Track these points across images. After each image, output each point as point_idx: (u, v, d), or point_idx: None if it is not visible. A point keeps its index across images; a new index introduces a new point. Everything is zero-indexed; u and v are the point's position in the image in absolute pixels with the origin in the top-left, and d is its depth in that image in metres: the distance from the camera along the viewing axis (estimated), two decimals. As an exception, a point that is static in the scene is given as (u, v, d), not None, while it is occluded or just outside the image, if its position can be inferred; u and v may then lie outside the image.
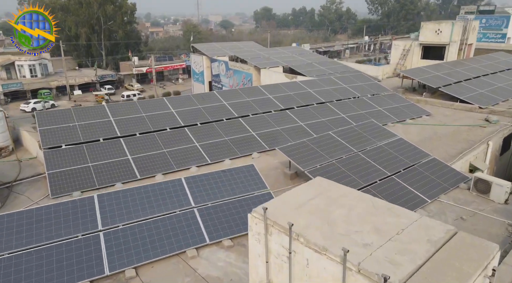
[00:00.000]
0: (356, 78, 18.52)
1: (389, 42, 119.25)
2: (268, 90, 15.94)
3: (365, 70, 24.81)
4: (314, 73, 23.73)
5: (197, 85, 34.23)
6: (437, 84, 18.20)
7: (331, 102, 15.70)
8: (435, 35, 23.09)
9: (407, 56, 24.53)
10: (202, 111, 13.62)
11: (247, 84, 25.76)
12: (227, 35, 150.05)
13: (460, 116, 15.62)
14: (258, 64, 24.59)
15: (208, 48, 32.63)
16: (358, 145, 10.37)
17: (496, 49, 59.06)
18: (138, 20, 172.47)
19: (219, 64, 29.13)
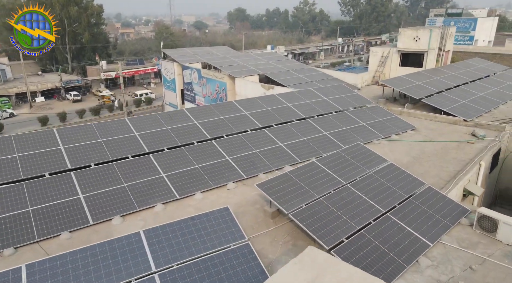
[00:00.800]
0: (337, 89, 17.52)
1: (362, 44, 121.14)
2: (243, 105, 14.60)
3: (344, 78, 24.00)
4: (292, 82, 22.63)
5: (168, 93, 32.42)
6: (419, 95, 17.50)
7: (312, 118, 14.57)
8: (413, 42, 22.56)
9: (385, 63, 23.91)
10: (169, 133, 12.10)
11: (221, 93, 24.33)
12: (200, 37, 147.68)
13: (445, 131, 14.89)
14: (232, 72, 23.21)
15: (179, 54, 30.91)
16: (346, 174, 9.22)
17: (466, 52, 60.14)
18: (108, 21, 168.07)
19: (191, 72, 27.51)
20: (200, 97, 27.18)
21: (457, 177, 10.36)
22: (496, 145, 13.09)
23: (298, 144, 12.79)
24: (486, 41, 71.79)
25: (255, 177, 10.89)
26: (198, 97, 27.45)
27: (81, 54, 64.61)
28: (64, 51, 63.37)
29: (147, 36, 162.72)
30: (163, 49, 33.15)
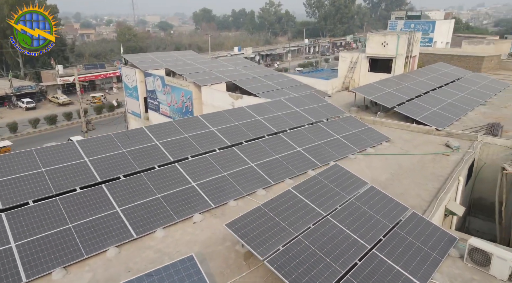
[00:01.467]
0: (309, 99, 16.77)
1: (327, 45, 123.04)
2: (210, 120, 13.44)
3: (314, 84, 23.41)
4: (261, 90, 21.69)
5: (131, 101, 30.48)
6: (391, 104, 17.12)
7: (284, 133, 13.66)
8: (382, 47, 22.36)
9: (354, 69, 23.57)
10: (126, 157, 10.72)
11: (187, 102, 22.96)
12: (166, 38, 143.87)
13: (419, 141, 14.52)
14: (198, 80, 21.92)
15: (141, 59, 29.10)
16: (325, 203, 8.35)
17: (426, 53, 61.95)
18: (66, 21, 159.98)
19: (154, 79, 25.88)
20: (164, 106, 25.61)
21: (439, 197, 9.81)
22: (471, 156, 12.81)
23: (271, 163, 11.82)
24: (444, 42, 74.91)
25: (224, 205, 9.80)
26: (162, 106, 25.87)
27: (35, 58, 60.23)
28: (15, 55, 58.87)
29: (108, 37, 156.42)
30: (124, 55, 31.14)
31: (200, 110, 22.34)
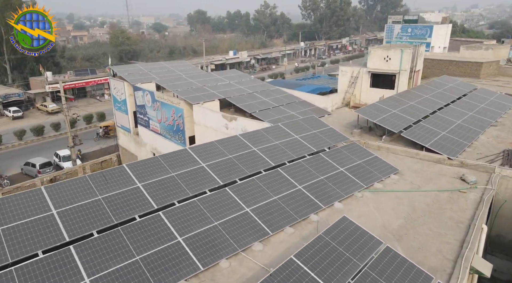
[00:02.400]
0: (308, 122, 15.42)
1: (323, 47, 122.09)
2: (200, 154, 12.05)
3: (313, 101, 22.10)
4: (257, 108, 20.33)
5: (120, 115, 28.98)
6: (397, 128, 15.85)
7: (283, 167, 12.30)
8: (384, 62, 21.11)
9: (355, 84, 22.31)
10: (102, 205, 9.30)
11: (178, 120, 21.52)
12: (160, 40, 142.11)
13: (431, 173, 13.24)
14: (189, 98, 20.49)
15: (131, 71, 27.60)
16: (335, 276, 7.00)
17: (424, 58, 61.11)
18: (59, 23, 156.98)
19: (143, 94, 24.41)
20: (154, 123, 24.15)
21: (464, 256, 8.50)
22: (491, 194, 11.55)
23: (269, 206, 10.46)
24: (441, 47, 74.14)
25: (215, 266, 8.43)
26: (152, 122, 24.40)
27: (23, 64, 58.38)
28: (2, 61, 56.99)
29: (102, 39, 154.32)
30: (112, 66, 29.60)
31: (192, 130, 20.94)
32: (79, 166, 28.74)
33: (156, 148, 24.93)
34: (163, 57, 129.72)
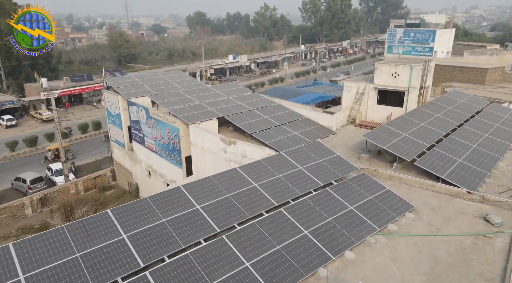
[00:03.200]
0: (313, 150, 14.21)
1: (324, 50, 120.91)
2: (195, 194, 10.83)
3: (317, 119, 20.88)
4: (258, 127, 19.10)
5: (114, 129, 27.76)
6: (410, 155, 14.63)
7: (287, 207, 11.08)
8: (392, 78, 19.90)
9: (361, 100, 21.09)
10: (80, 266, 8.08)
11: (174, 139, 20.30)
12: (159, 43, 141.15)
13: (450, 211, 12.01)
14: (185, 117, 19.27)
15: (125, 84, 26.36)
16: None
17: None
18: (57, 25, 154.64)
19: (138, 110, 23.19)
20: (149, 140, 22.92)
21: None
22: (519, 240, 10.33)
23: (271, 259, 9.24)
24: (444, 52, 73.01)
25: None
26: (147, 139, 23.17)
27: (18, 70, 57.10)
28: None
29: (100, 41, 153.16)
30: (106, 79, 28.35)
31: (189, 149, 19.73)
32: (72, 182, 27.50)
33: (151, 165, 23.72)
34: (162, 60, 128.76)
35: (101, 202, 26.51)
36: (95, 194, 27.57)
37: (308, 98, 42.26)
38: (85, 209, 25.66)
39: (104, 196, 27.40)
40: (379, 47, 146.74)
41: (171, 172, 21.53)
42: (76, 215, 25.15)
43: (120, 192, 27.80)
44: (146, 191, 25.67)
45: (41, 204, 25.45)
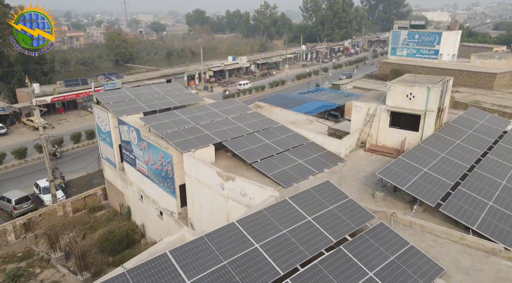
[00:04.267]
0: (323, 194, 12.39)
1: (325, 50, 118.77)
2: (184, 262, 9.01)
3: (323, 143, 19.05)
4: (259, 155, 17.26)
5: (104, 147, 25.96)
6: (433, 198, 12.83)
7: (294, 277, 9.27)
8: (407, 100, 18.05)
9: (372, 123, 19.26)
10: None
11: (167, 166, 18.48)
12: (157, 42, 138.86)
13: (487, 275, 10.21)
14: (179, 143, 17.42)
15: (116, 99, 24.49)
16: None
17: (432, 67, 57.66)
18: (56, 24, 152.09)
19: (129, 130, 21.35)
20: (141, 163, 21.09)
21: None
22: None
23: None
24: (450, 54, 71.04)
25: None
26: (139, 161, 21.34)
27: (10, 74, 55.09)
28: (-13, 72, 53.82)
29: (98, 40, 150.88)
30: (95, 94, 26.41)
31: (183, 177, 17.90)
32: (59, 203, 25.69)
33: (144, 190, 21.91)
34: (161, 60, 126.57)
35: (91, 225, 24.77)
36: (84, 215, 25.80)
37: (311, 107, 40.44)
38: (72, 234, 23.91)
39: (94, 218, 25.64)
40: (381, 46, 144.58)
41: (164, 200, 19.74)
42: (63, 241, 23.39)
43: (111, 213, 26.02)
44: (138, 215, 23.91)
45: (25, 229, 23.67)
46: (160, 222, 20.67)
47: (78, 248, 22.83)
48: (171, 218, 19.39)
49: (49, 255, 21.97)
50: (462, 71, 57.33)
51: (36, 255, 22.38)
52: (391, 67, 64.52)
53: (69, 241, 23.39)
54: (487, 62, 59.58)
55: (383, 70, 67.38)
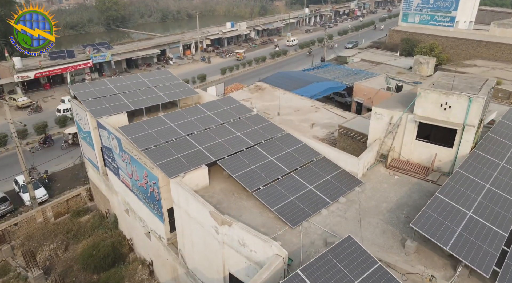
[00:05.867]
0: (344, 258, 9.68)
1: (329, 13, 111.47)
2: None
3: (337, 159, 16.06)
4: (260, 181, 14.31)
5: (85, 146, 23.01)
6: (485, 263, 10.11)
7: None
8: (441, 110, 14.83)
9: (395, 134, 16.15)
10: None
11: (152, 187, 15.66)
12: (151, 4, 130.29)
13: None
14: (165, 166, 14.42)
15: (95, 94, 21.09)
16: None
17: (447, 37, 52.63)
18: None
19: (109, 136, 18.29)
20: (125, 175, 18.24)
21: None
22: None
23: None
24: (467, 22, 65.59)
25: None
26: (122, 172, 18.48)
27: (-11, 46, 50.51)
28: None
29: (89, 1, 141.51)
30: (70, 86, 22.73)
31: (171, 201, 15.13)
32: (37, 210, 23.14)
33: (129, 203, 19.26)
34: (155, 23, 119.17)
35: (74, 234, 22.42)
36: (67, 221, 23.40)
37: (316, 90, 36.85)
38: (53, 246, 21.61)
39: (78, 224, 23.24)
40: (388, 6, 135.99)
41: (151, 221, 17.15)
42: (43, 254, 21.16)
43: (97, 219, 23.56)
44: (125, 227, 21.48)
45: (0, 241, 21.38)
46: (149, 241, 18.24)
47: (60, 263, 20.69)
48: (160, 242, 16.91)
49: (27, 271, 19.83)
50: (480, 42, 52.43)
51: (12, 271, 20.23)
52: (402, 36, 59.53)
53: (49, 254, 21.16)
54: (509, 31, 54.53)
55: (392, 39, 62.38)
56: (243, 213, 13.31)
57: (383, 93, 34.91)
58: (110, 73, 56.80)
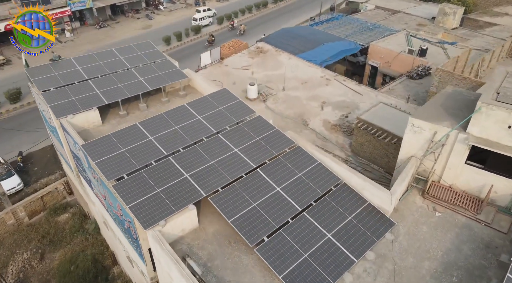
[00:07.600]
0: None
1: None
2: None
3: (362, 189, 12.54)
4: (264, 229, 11.00)
5: (56, 142, 19.41)
6: None
7: None
8: (505, 131, 11.11)
9: (439, 155, 12.55)
10: None
11: (129, 224, 12.46)
12: None
13: None
14: (140, 212, 11.04)
15: (60, 80, 16.94)
16: None
17: None
18: None
19: (75, 145, 14.63)
20: (98, 192, 14.94)
21: None
22: None
23: None
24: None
25: None
26: (95, 187, 15.15)
27: None
28: None
29: None
30: (27, 69, 18.17)
31: (153, 243, 12.06)
32: (7, 211, 20.19)
33: (107, 221, 16.27)
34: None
35: (51, 239, 19.82)
36: (43, 221, 20.68)
37: (327, 54, 31.82)
38: (27, 255, 19.08)
39: (56, 225, 20.54)
40: None
41: (132, 254, 14.30)
42: (15, 266, 18.70)
43: (77, 219, 20.78)
44: (108, 237, 18.77)
45: (-34, 250, 18.83)
46: (131, 267, 15.62)
47: (35, 276, 18.34)
48: (142, 276, 14.23)
49: (-2, 287, 17.61)
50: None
51: (-17, 285, 17.99)
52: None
53: (22, 265, 18.71)
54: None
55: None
56: (241, 277, 10.30)
57: (404, 57, 30.45)
58: (93, 21, 50.68)
